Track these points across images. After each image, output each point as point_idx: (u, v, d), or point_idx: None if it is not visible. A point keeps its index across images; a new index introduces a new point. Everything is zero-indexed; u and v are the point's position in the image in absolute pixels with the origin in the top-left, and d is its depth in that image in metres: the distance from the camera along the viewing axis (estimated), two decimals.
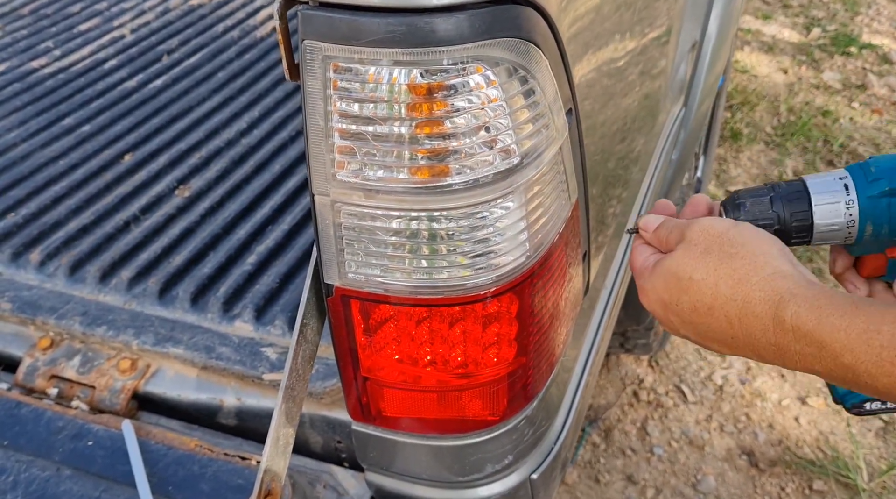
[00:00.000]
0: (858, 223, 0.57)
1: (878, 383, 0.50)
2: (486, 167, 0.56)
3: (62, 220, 1.20)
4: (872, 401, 0.63)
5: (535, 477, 0.85)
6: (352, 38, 0.52)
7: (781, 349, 0.54)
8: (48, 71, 1.59)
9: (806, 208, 0.59)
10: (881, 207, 0.57)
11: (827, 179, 0.59)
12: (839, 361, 0.51)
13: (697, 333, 0.60)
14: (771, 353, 0.55)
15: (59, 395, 0.98)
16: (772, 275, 0.55)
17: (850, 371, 0.51)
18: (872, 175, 0.57)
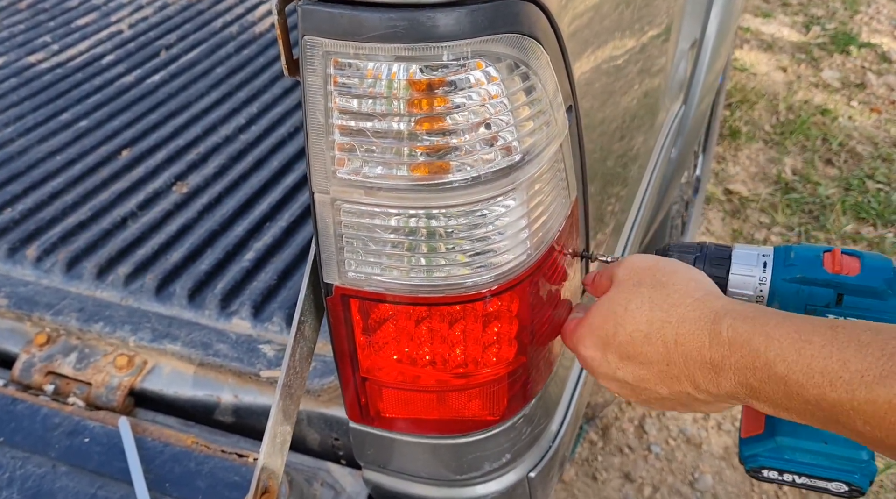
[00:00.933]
0: (767, 300, 0.62)
1: (807, 393, 0.51)
2: (486, 164, 0.56)
3: (59, 215, 1.19)
4: (770, 468, 0.64)
5: (533, 475, 0.85)
6: (352, 33, 0.52)
7: (717, 367, 0.55)
8: (46, 66, 1.59)
9: (723, 275, 0.63)
10: (790, 291, 0.61)
11: (752, 253, 0.64)
12: (773, 370, 0.52)
13: (635, 374, 0.60)
14: (706, 375, 0.55)
15: (55, 391, 0.97)
16: (705, 296, 0.58)
17: (783, 382, 0.52)
18: (790, 260, 0.62)
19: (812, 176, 2.70)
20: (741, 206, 2.59)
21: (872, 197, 2.59)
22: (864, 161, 2.76)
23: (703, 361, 0.55)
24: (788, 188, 2.65)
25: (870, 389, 0.48)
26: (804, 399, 0.51)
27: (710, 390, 0.56)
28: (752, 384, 0.53)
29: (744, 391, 0.54)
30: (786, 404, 0.53)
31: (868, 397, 0.48)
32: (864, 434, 0.50)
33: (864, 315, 0.60)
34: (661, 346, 0.57)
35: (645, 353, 0.58)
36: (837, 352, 0.50)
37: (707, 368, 0.55)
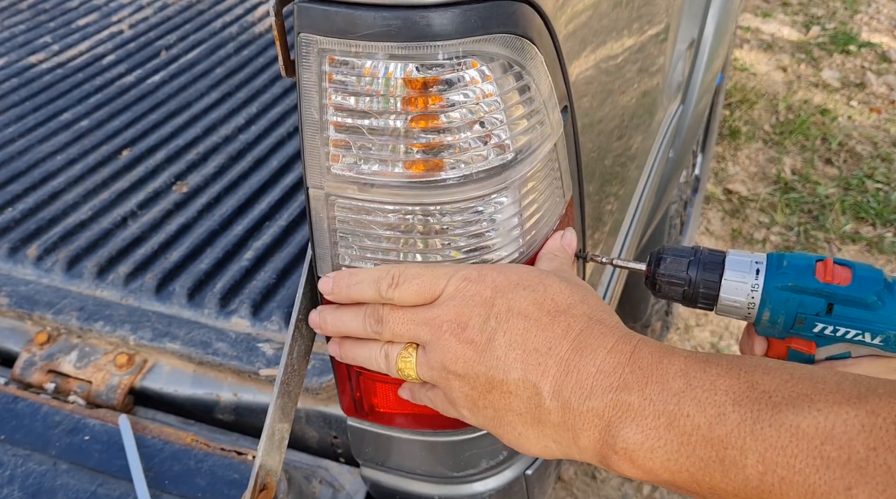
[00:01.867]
0: (758, 307, 0.62)
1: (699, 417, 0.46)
2: (480, 162, 0.57)
3: (60, 215, 1.20)
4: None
5: (530, 473, 0.86)
6: (347, 31, 0.52)
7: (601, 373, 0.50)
8: (46, 66, 1.59)
9: (716, 280, 0.63)
10: (781, 299, 0.61)
11: (745, 260, 0.63)
12: (667, 386, 0.47)
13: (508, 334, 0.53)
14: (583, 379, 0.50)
15: (55, 390, 0.98)
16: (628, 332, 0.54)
17: (675, 401, 0.47)
18: (783, 269, 0.62)
19: (811, 176, 2.70)
20: (740, 205, 2.60)
21: (872, 197, 2.60)
22: (864, 161, 2.77)
23: (590, 363, 0.50)
24: (788, 188, 2.65)
25: (777, 410, 0.44)
26: (691, 428, 0.46)
27: (570, 401, 0.50)
28: (631, 402, 0.48)
29: (610, 412, 0.48)
30: (657, 438, 0.47)
31: (773, 420, 0.44)
32: (747, 484, 0.44)
33: (854, 325, 0.60)
34: (563, 326, 0.52)
35: (540, 319, 0.53)
36: (745, 374, 0.47)
37: (589, 372, 0.50)
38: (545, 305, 0.53)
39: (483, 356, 0.53)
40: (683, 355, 0.49)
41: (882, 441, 0.41)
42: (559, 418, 0.50)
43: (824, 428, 0.42)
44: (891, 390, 0.44)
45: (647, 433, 0.47)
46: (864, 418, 0.42)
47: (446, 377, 0.55)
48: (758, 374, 0.46)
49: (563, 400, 0.50)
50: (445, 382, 0.56)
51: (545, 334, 0.52)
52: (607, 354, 0.50)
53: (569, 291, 0.55)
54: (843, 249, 2.43)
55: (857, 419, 0.42)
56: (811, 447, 0.42)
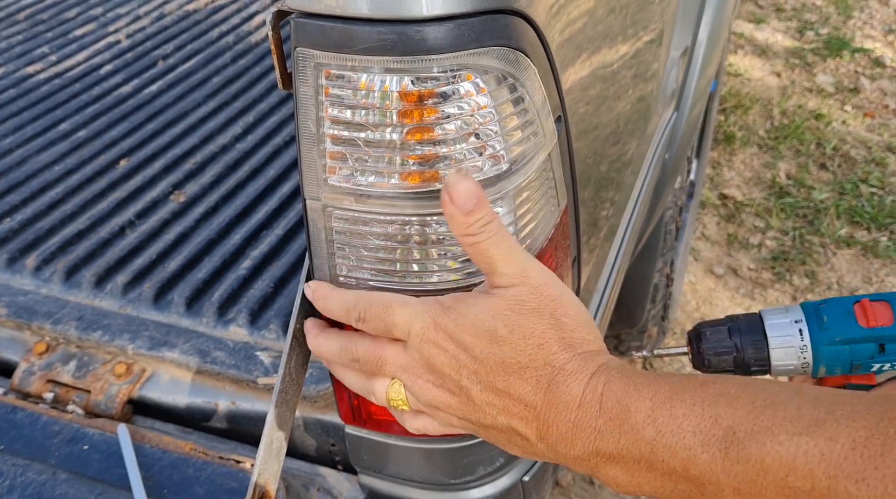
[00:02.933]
0: (812, 364, 0.63)
1: (674, 460, 0.48)
2: (475, 173, 0.57)
3: (58, 225, 1.20)
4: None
5: (527, 479, 0.86)
6: (344, 45, 0.53)
7: (578, 428, 0.51)
8: (44, 76, 1.60)
9: (762, 339, 0.64)
10: (832, 354, 0.62)
11: (783, 321, 0.64)
12: (640, 435, 0.49)
13: (485, 396, 0.53)
14: (563, 431, 0.52)
15: (54, 399, 0.98)
16: (596, 351, 0.54)
17: (648, 448, 0.48)
18: (825, 324, 0.62)
19: (806, 180, 2.71)
20: (736, 210, 2.61)
21: (866, 201, 2.61)
22: (858, 165, 2.78)
23: (566, 418, 0.51)
24: (783, 193, 2.67)
25: (742, 447, 0.46)
26: (668, 470, 0.48)
27: (557, 448, 0.52)
28: (611, 451, 0.50)
29: (595, 459, 0.51)
30: (641, 477, 0.50)
31: (740, 457, 0.45)
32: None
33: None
34: (531, 385, 0.52)
35: (510, 383, 0.53)
36: (709, 408, 0.48)
37: (567, 426, 0.51)
38: (509, 365, 0.53)
39: (469, 407, 0.55)
40: (649, 396, 0.50)
41: (841, 469, 0.42)
42: (551, 456, 0.54)
43: (786, 460, 0.44)
44: (849, 411, 0.45)
45: (632, 474, 0.50)
46: (822, 447, 0.44)
47: (444, 414, 0.57)
48: (720, 406, 0.48)
49: (549, 444, 0.53)
50: (442, 416, 0.57)
51: (519, 392, 0.53)
52: (578, 409, 0.51)
53: (523, 338, 0.53)
54: (839, 253, 2.44)
55: (817, 449, 0.44)
56: (777, 480, 0.45)
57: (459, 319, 0.54)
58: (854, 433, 0.43)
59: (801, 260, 2.40)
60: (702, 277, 2.36)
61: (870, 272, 2.37)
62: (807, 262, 2.40)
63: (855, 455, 0.42)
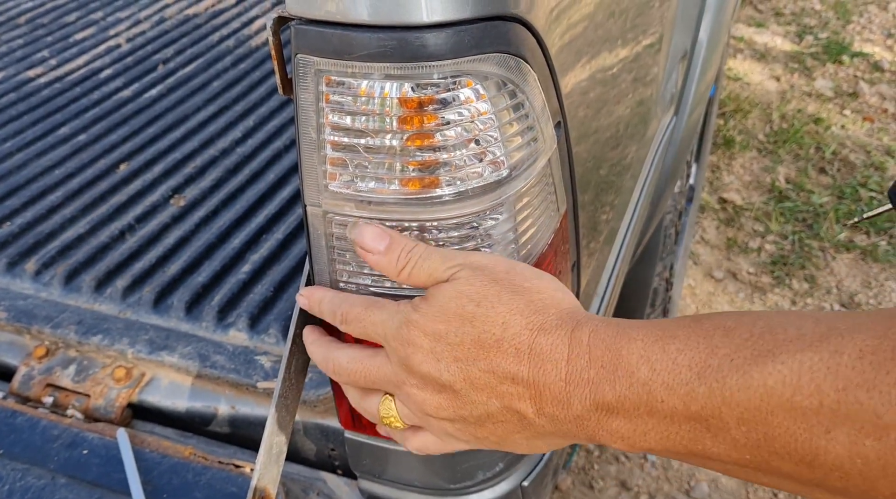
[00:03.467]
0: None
1: (673, 398, 0.46)
2: (475, 179, 0.58)
3: (57, 229, 1.20)
4: None
5: (527, 484, 0.86)
6: (344, 52, 0.53)
7: (571, 383, 0.49)
8: (44, 80, 1.60)
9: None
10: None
11: None
12: (635, 377, 0.47)
13: (468, 378, 0.52)
14: (556, 393, 0.50)
15: (54, 403, 0.98)
16: (572, 309, 0.53)
17: (646, 389, 0.47)
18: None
19: (805, 184, 2.72)
20: (735, 214, 2.61)
21: (865, 205, 2.61)
22: (857, 170, 2.79)
23: (556, 376, 0.49)
24: (782, 197, 2.67)
25: (742, 372, 0.43)
26: (669, 411, 0.46)
27: (555, 414, 0.50)
28: (609, 401, 0.48)
29: (596, 415, 0.49)
30: (644, 424, 0.48)
31: (741, 383, 0.43)
32: (737, 443, 0.44)
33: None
34: (512, 355, 0.50)
35: (491, 359, 0.51)
36: (704, 340, 0.46)
37: (560, 385, 0.49)
38: (484, 341, 0.51)
39: (458, 402, 0.53)
40: (640, 337, 0.48)
41: (849, 380, 0.40)
42: (553, 428, 0.51)
43: (790, 380, 0.42)
44: (851, 324, 0.43)
45: (634, 422, 0.48)
46: (828, 360, 0.41)
47: (435, 422, 0.55)
48: (717, 337, 0.46)
49: (548, 415, 0.51)
50: (436, 425, 0.56)
51: (502, 369, 0.51)
52: (567, 364, 0.50)
53: (493, 310, 0.52)
54: (838, 257, 2.44)
55: (822, 363, 0.41)
56: (783, 401, 0.42)
57: (428, 311, 0.53)
58: (861, 343, 0.41)
59: (801, 264, 2.41)
60: (701, 281, 2.37)
61: (869, 276, 2.37)
62: (806, 266, 2.40)
63: (863, 364, 0.40)
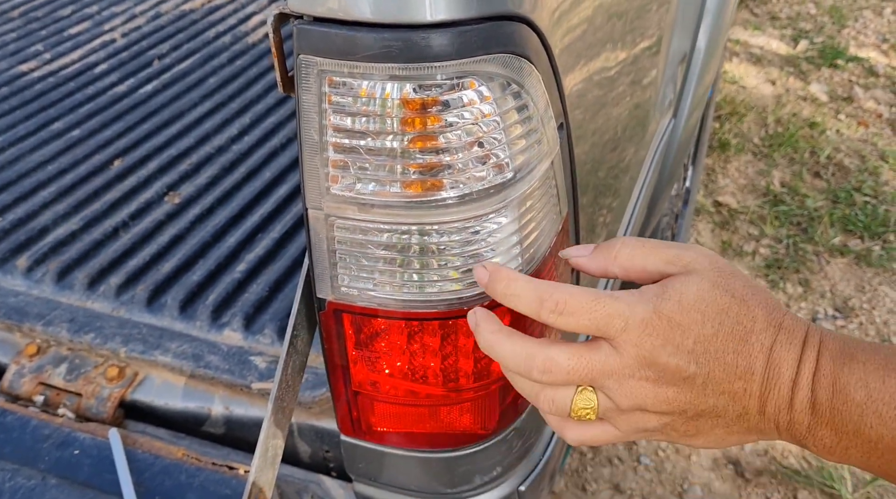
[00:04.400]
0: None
1: (883, 427, 0.49)
2: (479, 182, 0.57)
3: (50, 225, 1.19)
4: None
5: (524, 489, 0.86)
6: (347, 52, 0.52)
7: (797, 386, 0.51)
8: (37, 74, 1.59)
9: None
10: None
11: None
12: (850, 398, 0.49)
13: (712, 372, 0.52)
14: (784, 394, 0.51)
15: (45, 402, 0.97)
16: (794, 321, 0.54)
17: (858, 412, 0.49)
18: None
19: (800, 188, 2.72)
20: (730, 217, 2.61)
21: (860, 210, 2.62)
22: (852, 174, 2.79)
23: (788, 377, 0.51)
24: (777, 200, 2.67)
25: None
26: (876, 437, 0.49)
27: (775, 414, 0.52)
28: (823, 413, 0.50)
29: (808, 421, 0.51)
30: (849, 441, 0.50)
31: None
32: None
33: None
34: (757, 349, 0.51)
35: (739, 352, 0.51)
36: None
37: (787, 386, 0.51)
38: (736, 333, 0.52)
39: (689, 396, 0.52)
40: (863, 360, 0.51)
41: None
42: (765, 426, 0.53)
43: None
44: None
45: (840, 437, 0.50)
46: None
47: (641, 415, 0.54)
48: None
49: (768, 415, 0.52)
50: (638, 417, 0.54)
51: (745, 362, 0.52)
52: (798, 367, 0.51)
53: (745, 303, 0.53)
54: (832, 261, 2.45)
55: None
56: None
57: (680, 302, 0.52)
58: None
59: (795, 268, 2.41)
60: None
61: (863, 281, 2.38)
62: (800, 270, 2.41)
63: None
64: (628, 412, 0.54)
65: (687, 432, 0.55)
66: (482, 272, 0.56)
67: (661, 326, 0.51)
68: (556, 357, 0.52)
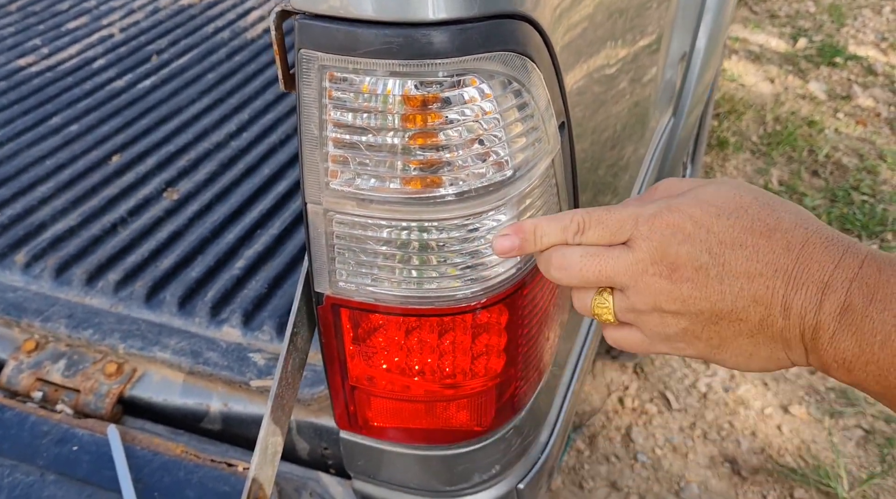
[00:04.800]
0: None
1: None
2: (478, 179, 0.57)
3: (48, 221, 1.19)
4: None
5: (522, 487, 0.86)
6: (348, 48, 0.52)
7: (829, 287, 0.48)
8: (35, 69, 1.58)
9: None
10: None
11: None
12: (889, 307, 0.47)
13: (727, 263, 0.50)
14: (812, 294, 0.49)
15: (43, 398, 0.97)
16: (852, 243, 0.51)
17: (893, 323, 0.47)
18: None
19: (798, 187, 2.72)
20: None
21: (858, 209, 2.62)
22: (850, 173, 2.79)
23: (819, 277, 0.48)
24: None
25: None
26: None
27: (801, 316, 0.49)
28: (855, 316, 0.48)
29: (834, 325, 0.48)
30: (872, 355, 0.47)
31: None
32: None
33: None
34: (782, 246, 0.49)
35: (759, 246, 0.50)
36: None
37: (817, 287, 0.48)
38: (756, 228, 0.50)
39: (704, 292, 0.51)
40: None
41: None
42: (790, 333, 0.50)
43: None
44: None
45: (863, 349, 0.48)
46: None
47: (659, 316, 0.53)
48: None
49: (793, 317, 0.50)
50: (657, 320, 0.53)
51: (767, 257, 0.50)
52: (835, 269, 0.49)
53: (769, 206, 0.51)
54: None
55: None
56: None
57: (694, 198, 0.52)
58: None
59: None
60: None
61: None
62: None
63: None
64: (646, 314, 0.53)
65: (710, 340, 0.53)
66: (507, 240, 0.55)
67: (672, 217, 0.51)
68: (571, 255, 0.54)
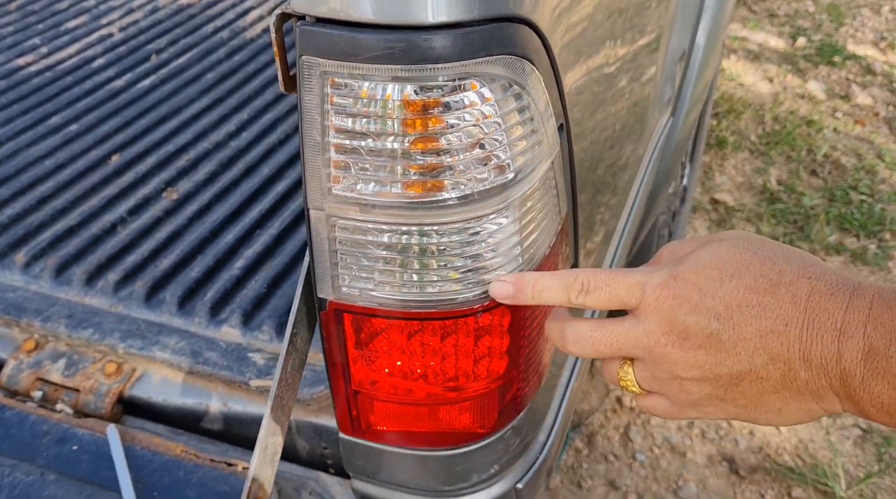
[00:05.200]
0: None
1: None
2: (479, 183, 0.57)
3: (48, 221, 1.19)
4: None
5: (521, 486, 0.86)
6: (350, 54, 0.52)
7: (845, 335, 0.47)
8: (34, 69, 1.58)
9: None
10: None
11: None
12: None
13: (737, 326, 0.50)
14: (828, 343, 0.48)
15: (43, 398, 0.97)
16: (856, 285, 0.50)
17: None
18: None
19: (797, 186, 2.73)
20: (727, 215, 2.62)
21: (856, 208, 2.62)
22: (848, 172, 2.80)
23: (831, 325, 0.48)
24: (774, 198, 2.68)
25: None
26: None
27: (823, 367, 0.48)
28: (879, 360, 0.46)
29: (862, 372, 0.47)
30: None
31: None
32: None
33: None
34: (788, 300, 0.49)
35: (765, 304, 0.49)
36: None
37: (832, 335, 0.48)
38: (759, 286, 0.50)
39: (719, 357, 0.51)
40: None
41: None
42: (816, 384, 0.50)
43: None
44: None
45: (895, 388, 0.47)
46: None
47: (679, 384, 0.53)
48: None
49: (814, 367, 0.49)
50: (678, 388, 0.53)
51: (774, 314, 0.49)
52: (845, 313, 0.48)
53: (769, 260, 0.51)
54: (828, 259, 2.45)
55: None
56: None
57: (697, 264, 0.51)
58: None
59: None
60: None
61: None
62: None
63: None
64: (667, 382, 0.53)
65: (736, 401, 0.52)
66: (504, 287, 0.58)
67: (678, 286, 0.51)
68: (581, 330, 0.55)
